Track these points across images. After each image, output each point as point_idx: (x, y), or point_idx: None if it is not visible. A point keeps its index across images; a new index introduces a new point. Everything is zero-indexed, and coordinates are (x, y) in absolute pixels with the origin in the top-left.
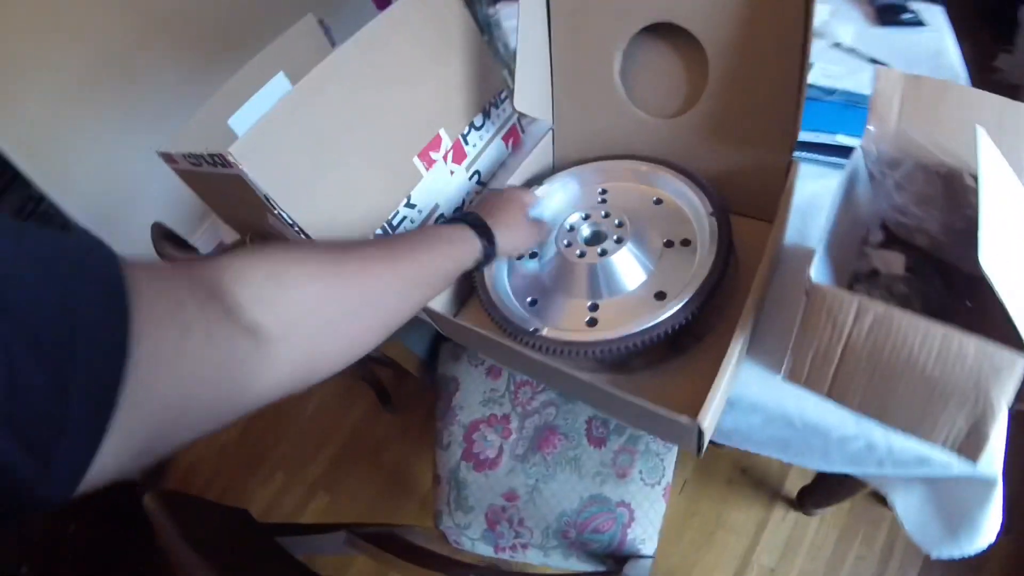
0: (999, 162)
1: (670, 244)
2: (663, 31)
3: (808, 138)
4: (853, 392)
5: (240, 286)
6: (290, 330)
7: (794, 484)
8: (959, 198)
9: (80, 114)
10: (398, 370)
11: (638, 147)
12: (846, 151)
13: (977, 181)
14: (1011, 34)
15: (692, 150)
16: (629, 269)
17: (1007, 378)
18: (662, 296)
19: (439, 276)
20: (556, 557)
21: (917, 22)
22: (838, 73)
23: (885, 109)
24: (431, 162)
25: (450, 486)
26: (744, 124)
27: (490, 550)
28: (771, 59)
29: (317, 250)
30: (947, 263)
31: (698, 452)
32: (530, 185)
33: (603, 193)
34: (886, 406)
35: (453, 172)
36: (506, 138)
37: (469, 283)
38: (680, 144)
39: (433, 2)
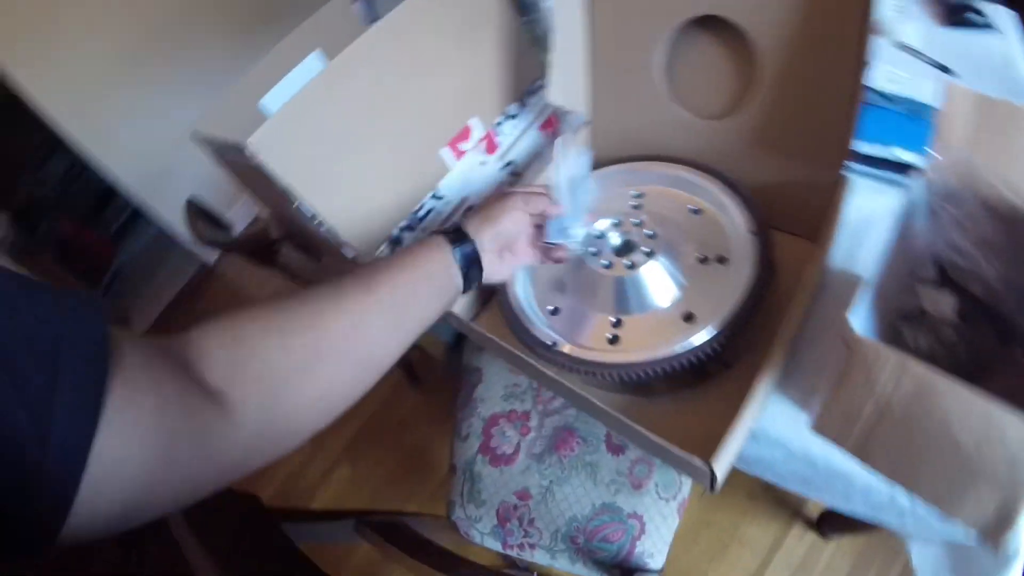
0: None
1: (704, 260)
2: (711, 25)
3: (862, 148)
4: (881, 455)
5: (203, 357)
6: (248, 390)
7: (816, 506)
8: None
9: (127, 81)
10: (425, 353)
11: (678, 149)
12: (903, 167)
13: None
14: None
15: (735, 156)
16: (658, 285)
17: None
18: (691, 318)
19: (416, 310)
20: (562, 561)
21: (986, 25)
22: (900, 77)
23: (951, 132)
24: (460, 153)
25: (465, 477)
26: (793, 131)
27: (498, 546)
28: (826, 58)
29: (272, 303)
30: (1002, 314)
31: (711, 489)
32: None
33: (637, 197)
34: (914, 474)
35: (484, 163)
36: (543, 127)
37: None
38: (722, 149)
39: None
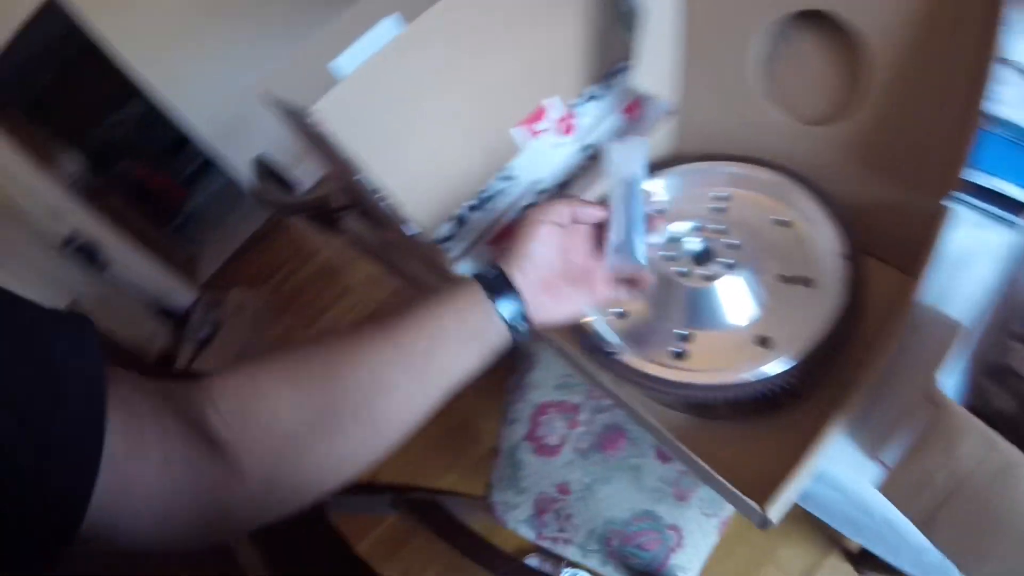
0: None
1: (787, 279)
2: (819, 20)
3: (974, 178)
4: (947, 532)
5: (213, 407)
6: (256, 446)
7: None
8: None
9: (204, 31)
10: None
11: (769, 152)
12: (1017, 205)
13: None
14: None
15: (830, 167)
16: (736, 302)
17: None
18: (766, 342)
19: (446, 362)
20: (593, 561)
21: None
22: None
23: None
24: (535, 132)
25: (507, 462)
26: (897, 148)
27: (532, 536)
28: (942, 72)
29: (288, 352)
30: None
31: (763, 527)
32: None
33: (721, 200)
34: (979, 558)
35: (560, 144)
36: (626, 110)
37: None
38: (817, 158)
39: None
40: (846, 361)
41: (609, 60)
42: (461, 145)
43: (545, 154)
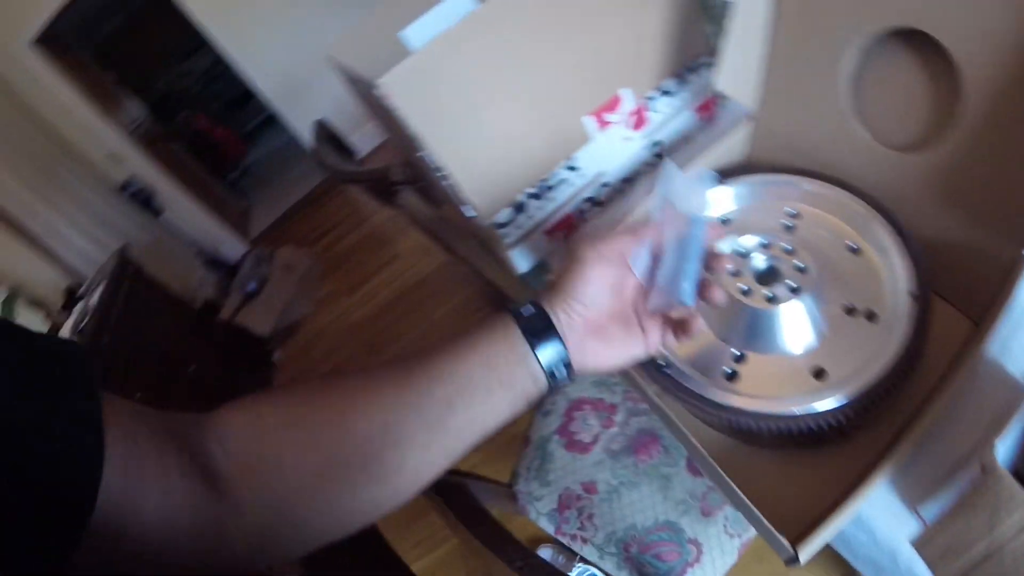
0: None
1: (851, 311)
2: (916, 40)
3: None
4: None
5: (219, 445)
6: (257, 492)
7: None
8: None
9: None
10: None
11: (848, 172)
12: None
13: None
14: None
15: (910, 197)
16: (796, 328)
17: None
18: (822, 375)
19: (469, 412)
20: (609, 564)
21: None
22: None
23: None
24: (605, 124)
25: (536, 453)
26: (984, 188)
27: (551, 529)
28: None
29: (300, 392)
30: None
31: (789, 564)
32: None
33: (792, 216)
34: None
35: (629, 139)
36: (700, 109)
37: None
38: (898, 185)
39: None
40: (899, 405)
41: (688, 54)
42: (528, 130)
43: (612, 147)
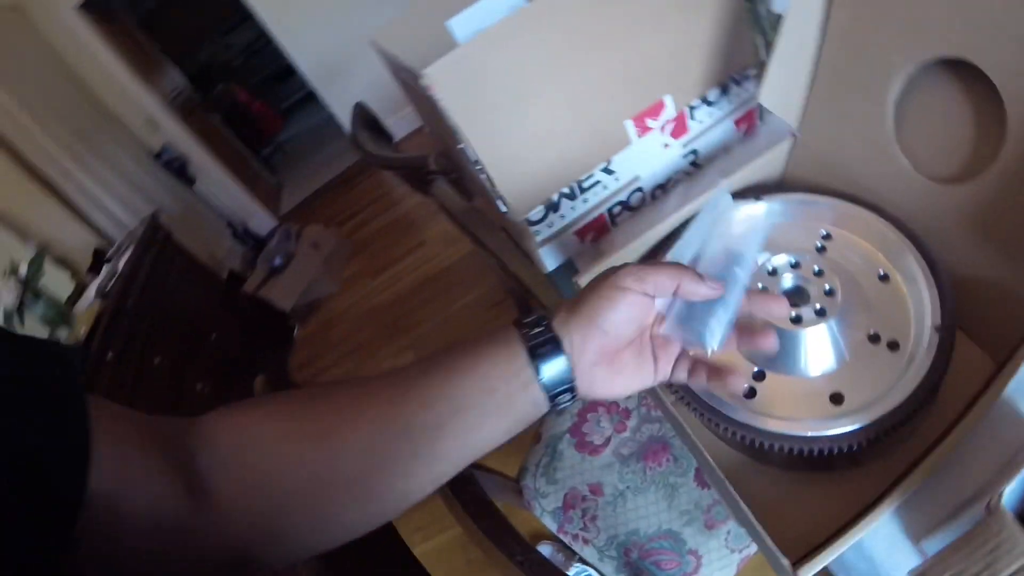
0: None
1: (875, 339)
2: (963, 71)
3: None
4: None
5: (206, 454)
6: (240, 500)
7: None
8: None
9: None
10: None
11: (884, 198)
12: None
13: None
14: None
15: (945, 231)
16: (818, 351)
17: None
18: (839, 400)
19: (462, 434)
20: (608, 567)
21: None
22: None
23: None
24: (645, 129)
25: (546, 451)
26: (1019, 226)
27: (554, 527)
28: None
29: (292, 402)
30: None
31: None
32: (750, 195)
33: (824, 238)
34: None
35: (667, 145)
36: (740, 121)
37: None
38: (934, 217)
39: None
40: (914, 437)
41: (734, 65)
42: (568, 130)
43: (650, 153)
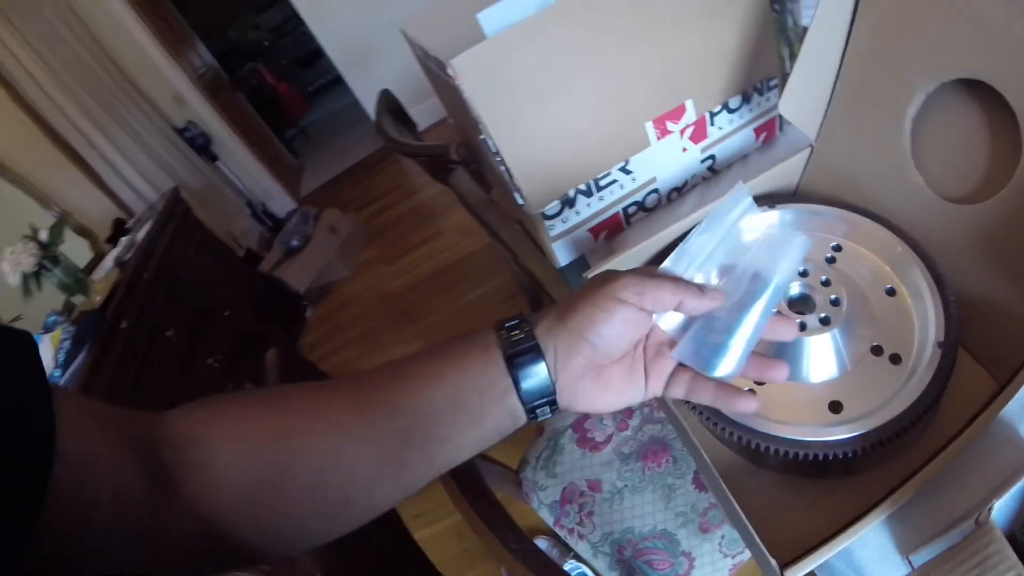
0: None
1: (878, 351)
2: (981, 91)
3: None
4: None
5: (169, 449)
6: (199, 500)
7: None
8: None
9: None
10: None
11: (895, 214)
12: None
13: None
14: None
15: (955, 249)
16: (821, 360)
17: None
18: (837, 408)
19: (429, 445)
20: (601, 564)
21: None
22: None
23: None
24: (665, 132)
25: (548, 444)
26: None
27: (550, 520)
28: None
29: (251, 402)
30: None
31: None
32: (764, 203)
33: (835, 250)
34: None
35: (686, 149)
36: (759, 130)
37: None
38: (946, 236)
39: None
40: (911, 452)
41: (758, 74)
42: (589, 128)
43: (668, 155)
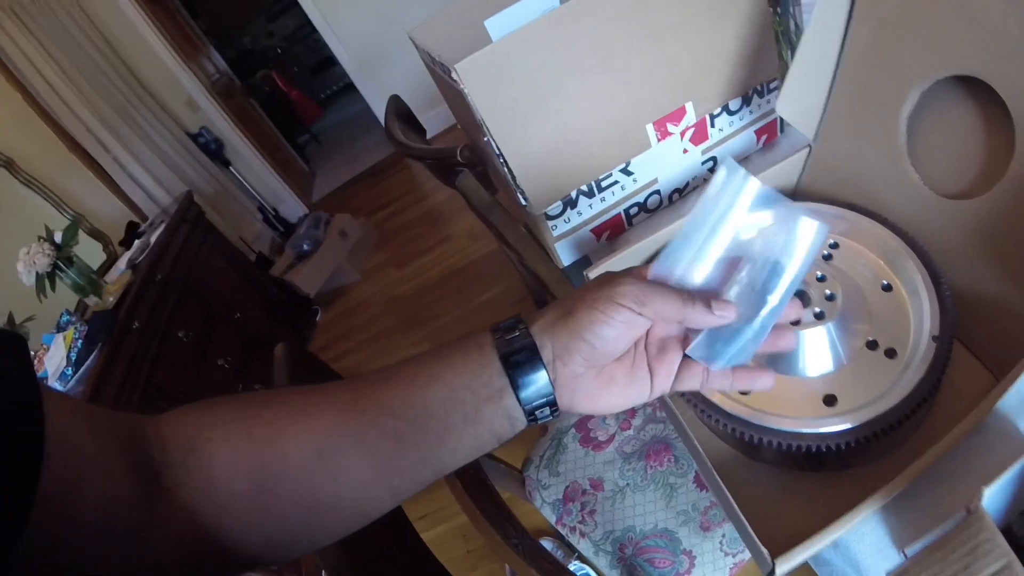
0: None
1: (873, 346)
2: (975, 88)
3: None
4: None
5: (159, 452)
6: (193, 502)
7: None
8: None
9: None
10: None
11: (893, 211)
12: None
13: None
14: None
15: (951, 245)
16: (815, 354)
17: None
18: (832, 402)
19: (423, 449)
20: (602, 562)
21: None
22: None
23: None
24: (666, 134)
25: (551, 443)
26: (1022, 243)
27: (552, 519)
28: None
29: (242, 406)
30: None
31: None
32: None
33: (832, 247)
34: None
35: (687, 151)
36: (760, 132)
37: None
38: (942, 232)
39: None
40: (905, 445)
41: (758, 76)
42: (591, 130)
43: (669, 157)
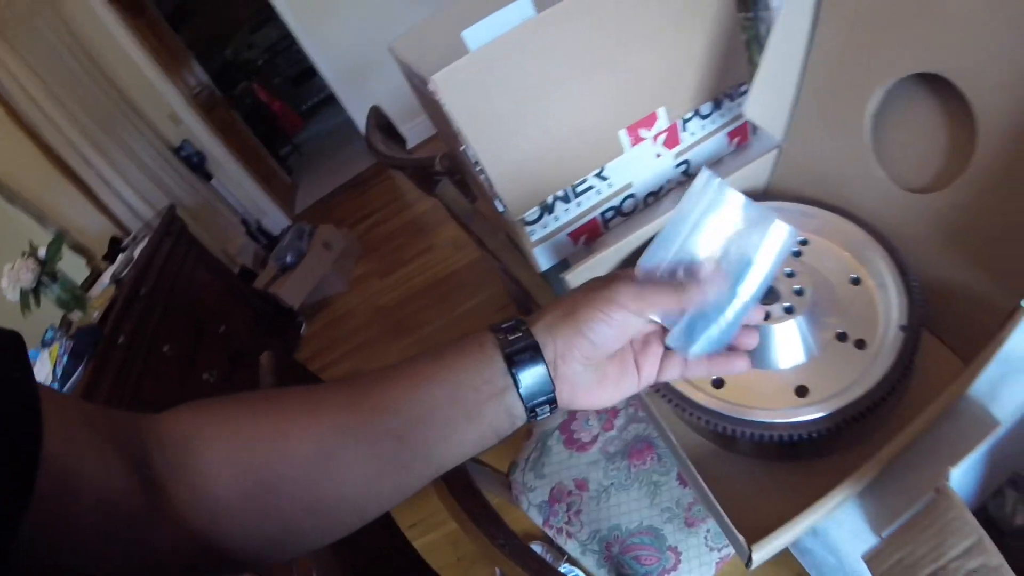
0: None
1: (843, 337)
2: (937, 84)
3: None
4: None
5: (158, 451)
6: (192, 502)
7: None
8: None
9: None
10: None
11: (860, 207)
12: None
13: None
14: None
15: (918, 238)
16: (786, 347)
17: None
18: (804, 392)
19: (425, 446)
20: (590, 561)
21: None
22: None
23: None
24: (638, 139)
25: (536, 446)
26: (988, 236)
27: (539, 521)
28: None
29: (241, 404)
30: None
31: (747, 565)
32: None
33: (802, 244)
34: None
35: (660, 155)
36: (733, 134)
37: None
38: (909, 225)
39: None
40: (878, 432)
41: (729, 80)
42: (565, 137)
43: (643, 161)
